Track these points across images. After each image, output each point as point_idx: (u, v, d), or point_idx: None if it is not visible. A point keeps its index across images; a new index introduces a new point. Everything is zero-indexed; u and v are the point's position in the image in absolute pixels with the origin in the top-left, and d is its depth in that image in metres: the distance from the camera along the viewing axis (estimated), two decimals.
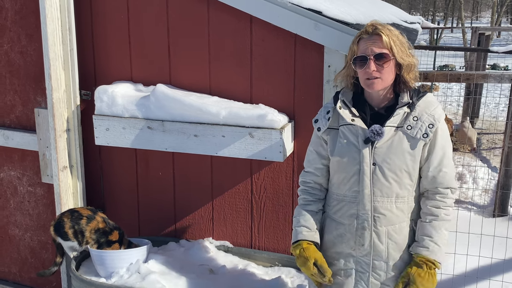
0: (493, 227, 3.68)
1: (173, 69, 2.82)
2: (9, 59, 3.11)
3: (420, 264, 1.95)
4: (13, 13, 3.03)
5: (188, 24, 2.73)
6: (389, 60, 1.92)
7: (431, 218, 1.98)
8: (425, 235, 1.97)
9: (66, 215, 2.63)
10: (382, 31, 1.91)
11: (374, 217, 1.98)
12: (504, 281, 3.28)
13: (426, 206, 2.00)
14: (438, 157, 1.97)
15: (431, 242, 1.95)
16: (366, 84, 1.96)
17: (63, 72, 2.87)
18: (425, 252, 1.95)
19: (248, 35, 2.63)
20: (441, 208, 1.98)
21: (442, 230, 1.97)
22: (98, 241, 2.58)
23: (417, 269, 1.94)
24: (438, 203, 1.98)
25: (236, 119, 2.53)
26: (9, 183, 3.36)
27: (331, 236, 2.09)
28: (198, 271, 2.59)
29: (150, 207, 3.09)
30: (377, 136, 1.93)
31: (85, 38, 2.96)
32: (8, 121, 3.24)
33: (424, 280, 1.93)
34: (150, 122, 2.67)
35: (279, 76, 2.63)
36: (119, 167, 3.08)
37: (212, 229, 2.98)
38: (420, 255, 1.96)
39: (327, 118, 2.07)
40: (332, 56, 2.48)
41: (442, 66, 13.21)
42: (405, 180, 1.97)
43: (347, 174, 2.01)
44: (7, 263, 3.54)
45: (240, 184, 2.85)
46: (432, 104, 1.99)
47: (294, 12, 2.42)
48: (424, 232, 1.97)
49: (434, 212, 1.98)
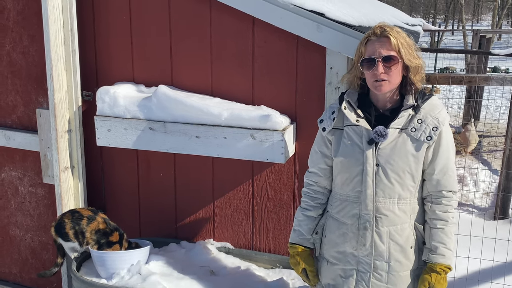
0: (494, 229, 3.68)
1: (175, 70, 2.82)
2: (11, 59, 3.11)
3: (439, 272, 1.99)
4: (15, 14, 3.03)
5: (190, 25, 2.73)
6: (397, 63, 1.92)
7: (441, 224, 2.00)
8: (439, 243, 2.00)
9: (67, 215, 2.63)
10: (390, 33, 1.92)
11: (376, 218, 1.99)
12: (505, 284, 3.28)
13: (434, 212, 2.01)
14: (443, 161, 1.99)
15: (445, 249, 1.99)
16: (373, 86, 1.96)
17: (65, 72, 2.87)
18: (442, 259, 1.99)
19: (250, 37, 2.63)
20: (449, 212, 2.01)
21: (452, 235, 2.02)
22: (98, 242, 2.58)
23: (436, 276, 1.98)
24: (446, 207, 2.01)
25: (238, 121, 2.53)
26: (10, 183, 3.36)
27: (334, 235, 2.10)
28: (199, 273, 2.59)
29: (151, 208, 3.08)
30: (381, 138, 1.94)
31: (87, 39, 2.96)
32: (9, 121, 3.24)
33: (443, 286, 2.01)
34: (152, 123, 2.67)
35: (281, 77, 2.63)
36: (120, 168, 3.08)
37: (213, 231, 2.97)
38: (439, 264, 1.99)
39: (332, 119, 2.08)
40: (334, 58, 2.48)
41: (443, 68, 13.21)
42: (407, 181, 1.98)
43: (350, 174, 2.02)
44: (7, 263, 3.53)
45: (241, 185, 2.85)
46: (437, 107, 2.00)
47: (297, 13, 2.42)
48: (438, 239, 2.00)
49: (443, 217, 2.00)
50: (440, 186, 2.00)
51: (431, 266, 2.00)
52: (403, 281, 2.04)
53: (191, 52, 2.76)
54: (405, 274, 2.04)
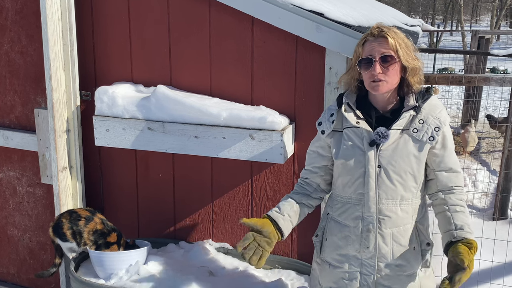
0: (493, 230, 3.68)
1: (173, 70, 2.82)
2: (9, 59, 3.10)
3: (471, 246, 1.87)
4: (13, 13, 3.02)
5: (189, 25, 2.73)
6: (394, 63, 1.91)
7: (460, 208, 1.97)
8: (463, 223, 1.94)
9: (64, 216, 2.62)
10: (388, 34, 1.91)
11: (379, 219, 1.98)
12: (504, 285, 3.28)
13: (450, 198, 1.98)
14: (451, 160, 2.00)
15: (469, 229, 1.94)
16: (371, 86, 1.95)
17: (63, 72, 2.86)
18: (470, 236, 1.92)
19: (249, 37, 2.63)
20: (463, 201, 2.01)
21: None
22: (96, 243, 2.57)
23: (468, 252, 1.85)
24: (460, 195, 2.01)
25: (237, 121, 2.53)
26: (8, 183, 3.35)
27: (336, 238, 2.08)
28: (198, 273, 2.58)
29: (149, 208, 3.08)
30: (382, 139, 1.93)
31: (86, 39, 2.95)
32: (7, 121, 3.23)
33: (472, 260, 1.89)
34: (151, 123, 2.66)
35: (280, 77, 2.62)
36: (119, 168, 3.07)
37: (212, 231, 2.97)
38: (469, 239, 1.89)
39: (331, 121, 2.07)
40: (334, 58, 2.48)
41: (442, 69, 13.21)
42: (410, 182, 1.97)
43: (352, 176, 2.01)
44: (5, 264, 3.52)
45: (240, 185, 2.84)
46: (437, 107, 2.00)
47: (296, 13, 2.41)
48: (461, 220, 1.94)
49: (460, 203, 1.99)
50: (451, 183, 2.00)
51: (464, 241, 1.88)
52: (407, 283, 2.03)
53: (190, 52, 2.76)
54: (409, 275, 2.03)
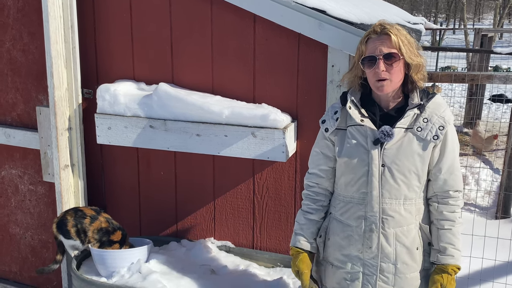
0: (496, 229, 3.67)
1: (175, 68, 2.81)
2: (11, 57, 3.10)
3: (450, 273, 1.97)
4: (15, 11, 3.02)
5: (191, 22, 2.72)
6: (398, 60, 1.90)
7: (449, 224, 1.98)
8: (447, 244, 1.98)
9: (69, 213, 2.62)
10: (391, 31, 1.90)
11: (382, 219, 1.96)
12: (507, 283, 3.27)
13: (441, 212, 1.99)
14: (449, 160, 1.97)
15: (454, 249, 1.98)
16: (376, 86, 1.94)
17: (65, 70, 2.85)
18: (452, 260, 1.98)
19: (251, 34, 2.62)
20: (456, 212, 1.99)
21: (459, 235, 2.00)
22: (100, 240, 2.57)
23: (447, 277, 1.97)
24: (453, 207, 1.99)
25: (239, 119, 2.52)
26: (10, 181, 3.35)
27: (338, 238, 2.06)
28: (200, 271, 2.58)
29: (151, 206, 3.07)
30: (387, 137, 1.91)
31: (88, 36, 2.94)
32: (9, 119, 3.23)
33: (453, 286, 1.99)
34: (152, 121, 2.65)
35: (282, 75, 2.61)
36: (120, 166, 3.07)
37: (214, 229, 2.96)
38: (450, 265, 1.98)
39: (335, 119, 2.05)
40: (336, 56, 2.47)
41: (445, 67, 13.19)
42: (413, 182, 1.96)
43: (355, 175, 1.99)
44: (7, 262, 3.53)
45: (242, 184, 2.83)
46: (441, 105, 1.98)
47: (298, 11, 2.40)
48: (446, 240, 1.99)
49: (450, 218, 1.98)
50: (447, 186, 1.98)
51: (441, 267, 1.98)
52: (409, 283, 2.02)
53: (192, 49, 2.75)
54: (412, 276, 2.02)
